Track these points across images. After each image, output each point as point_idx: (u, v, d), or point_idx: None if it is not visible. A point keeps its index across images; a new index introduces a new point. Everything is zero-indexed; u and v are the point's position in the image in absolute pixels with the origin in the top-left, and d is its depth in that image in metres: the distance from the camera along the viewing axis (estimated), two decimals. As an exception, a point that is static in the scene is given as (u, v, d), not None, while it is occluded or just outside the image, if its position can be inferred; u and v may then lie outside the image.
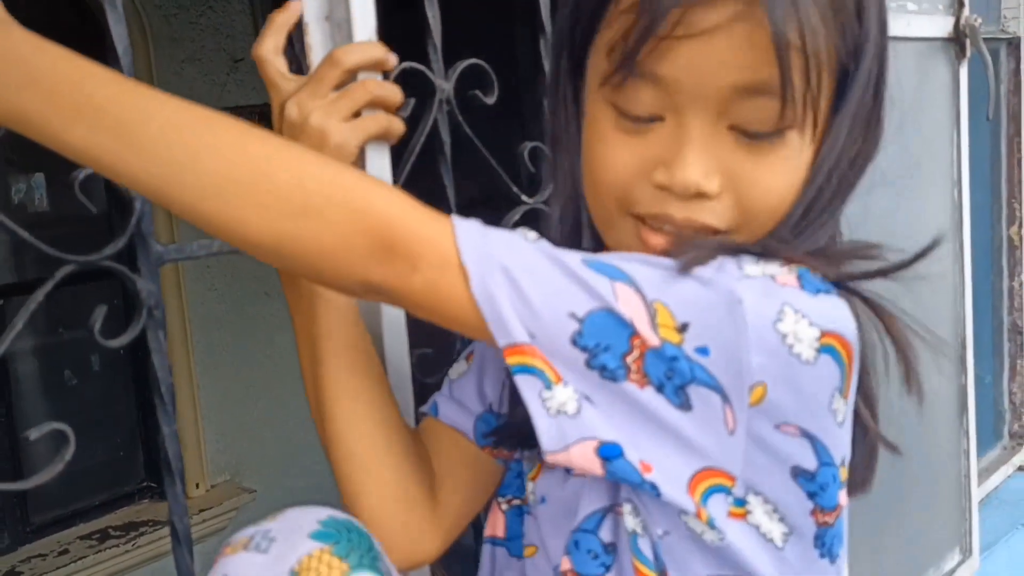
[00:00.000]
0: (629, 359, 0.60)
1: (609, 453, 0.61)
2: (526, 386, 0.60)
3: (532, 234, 0.68)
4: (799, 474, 0.64)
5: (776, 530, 0.65)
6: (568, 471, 0.71)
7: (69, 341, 3.28)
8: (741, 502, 0.64)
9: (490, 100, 1.04)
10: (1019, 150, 2.04)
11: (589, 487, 0.71)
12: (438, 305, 0.62)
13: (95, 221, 3.04)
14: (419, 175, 0.95)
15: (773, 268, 0.63)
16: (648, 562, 0.67)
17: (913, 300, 1.43)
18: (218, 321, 3.43)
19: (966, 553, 1.62)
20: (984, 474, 2.05)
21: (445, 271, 0.60)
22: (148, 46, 3.32)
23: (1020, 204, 2.06)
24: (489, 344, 0.62)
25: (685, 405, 0.61)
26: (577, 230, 0.74)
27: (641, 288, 0.60)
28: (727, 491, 0.63)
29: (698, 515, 0.63)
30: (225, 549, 0.67)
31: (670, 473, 0.62)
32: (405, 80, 0.94)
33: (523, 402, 0.61)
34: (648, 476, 0.61)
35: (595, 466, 0.61)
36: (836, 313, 0.63)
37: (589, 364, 0.60)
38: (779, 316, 0.60)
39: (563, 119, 0.74)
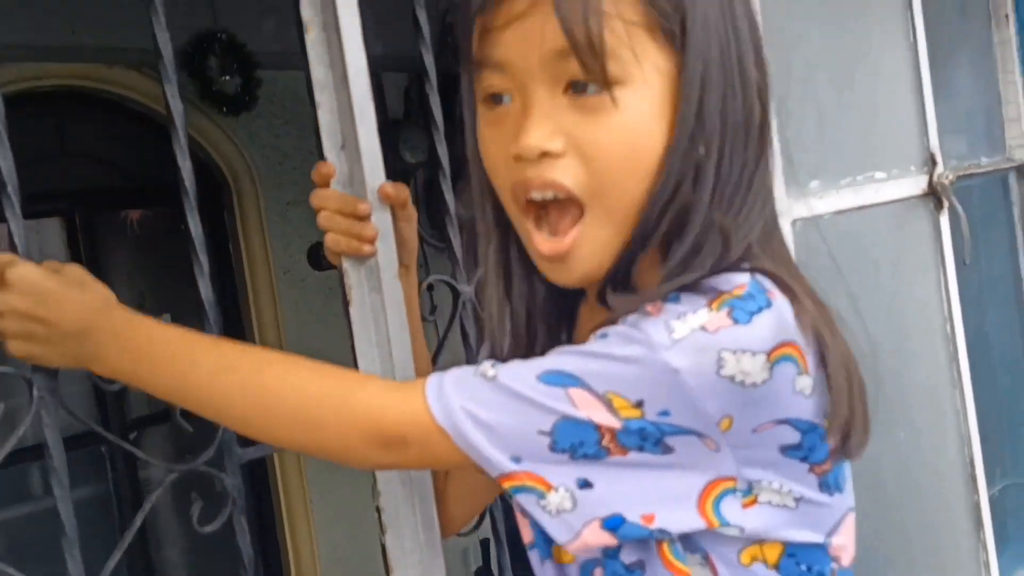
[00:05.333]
0: (605, 442, 0.68)
1: (613, 524, 0.69)
2: (526, 502, 0.70)
3: (492, 370, 0.73)
4: (787, 449, 0.70)
5: (787, 498, 0.71)
6: None
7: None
8: (748, 492, 0.70)
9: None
10: (1039, 268, 2.14)
11: None
12: (435, 462, 0.77)
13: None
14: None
15: (701, 317, 0.66)
16: (682, 557, 0.73)
17: (910, 428, 1.58)
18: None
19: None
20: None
21: (430, 438, 0.72)
22: (257, 192, 3.68)
23: (1046, 316, 2.15)
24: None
25: (668, 451, 0.68)
26: (506, 245, 0.82)
27: (591, 387, 0.67)
28: (733, 491, 0.69)
29: (710, 526, 0.69)
30: None
31: (674, 506, 0.69)
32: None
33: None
34: (653, 526, 0.69)
35: (608, 539, 0.70)
36: (773, 327, 0.66)
37: (574, 458, 0.69)
38: (719, 365, 0.65)
39: (472, 135, 0.80)
